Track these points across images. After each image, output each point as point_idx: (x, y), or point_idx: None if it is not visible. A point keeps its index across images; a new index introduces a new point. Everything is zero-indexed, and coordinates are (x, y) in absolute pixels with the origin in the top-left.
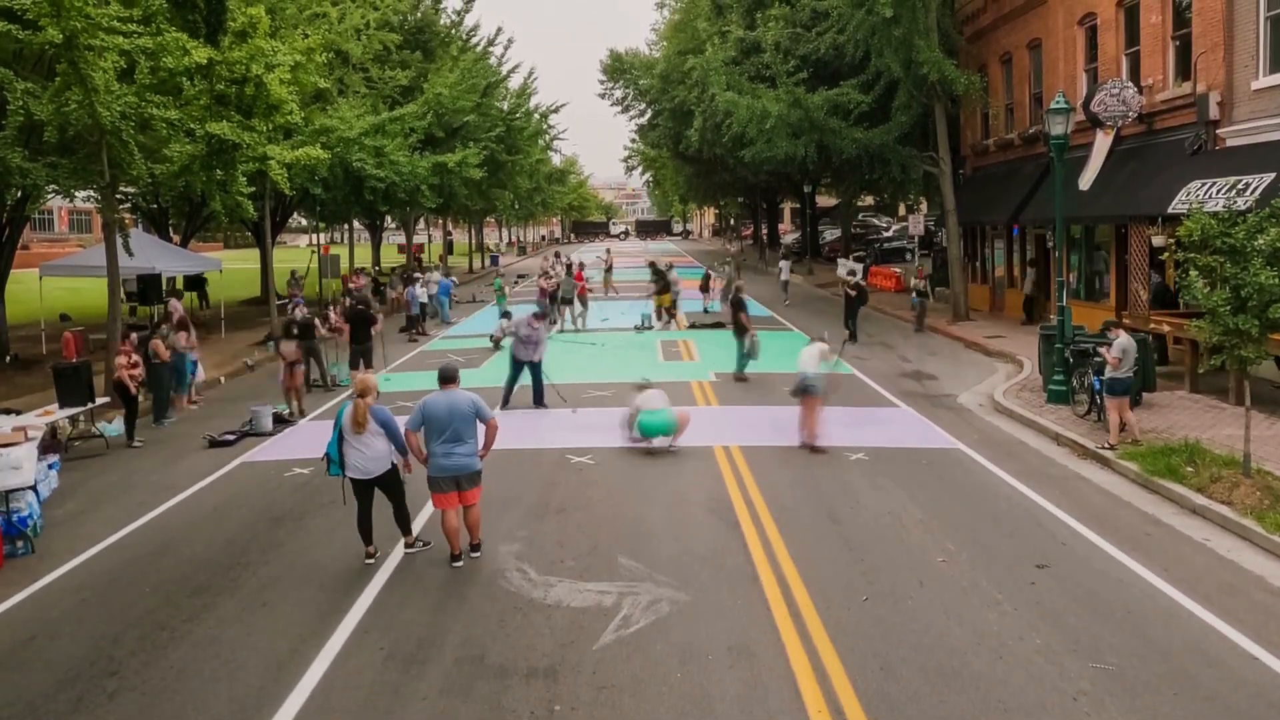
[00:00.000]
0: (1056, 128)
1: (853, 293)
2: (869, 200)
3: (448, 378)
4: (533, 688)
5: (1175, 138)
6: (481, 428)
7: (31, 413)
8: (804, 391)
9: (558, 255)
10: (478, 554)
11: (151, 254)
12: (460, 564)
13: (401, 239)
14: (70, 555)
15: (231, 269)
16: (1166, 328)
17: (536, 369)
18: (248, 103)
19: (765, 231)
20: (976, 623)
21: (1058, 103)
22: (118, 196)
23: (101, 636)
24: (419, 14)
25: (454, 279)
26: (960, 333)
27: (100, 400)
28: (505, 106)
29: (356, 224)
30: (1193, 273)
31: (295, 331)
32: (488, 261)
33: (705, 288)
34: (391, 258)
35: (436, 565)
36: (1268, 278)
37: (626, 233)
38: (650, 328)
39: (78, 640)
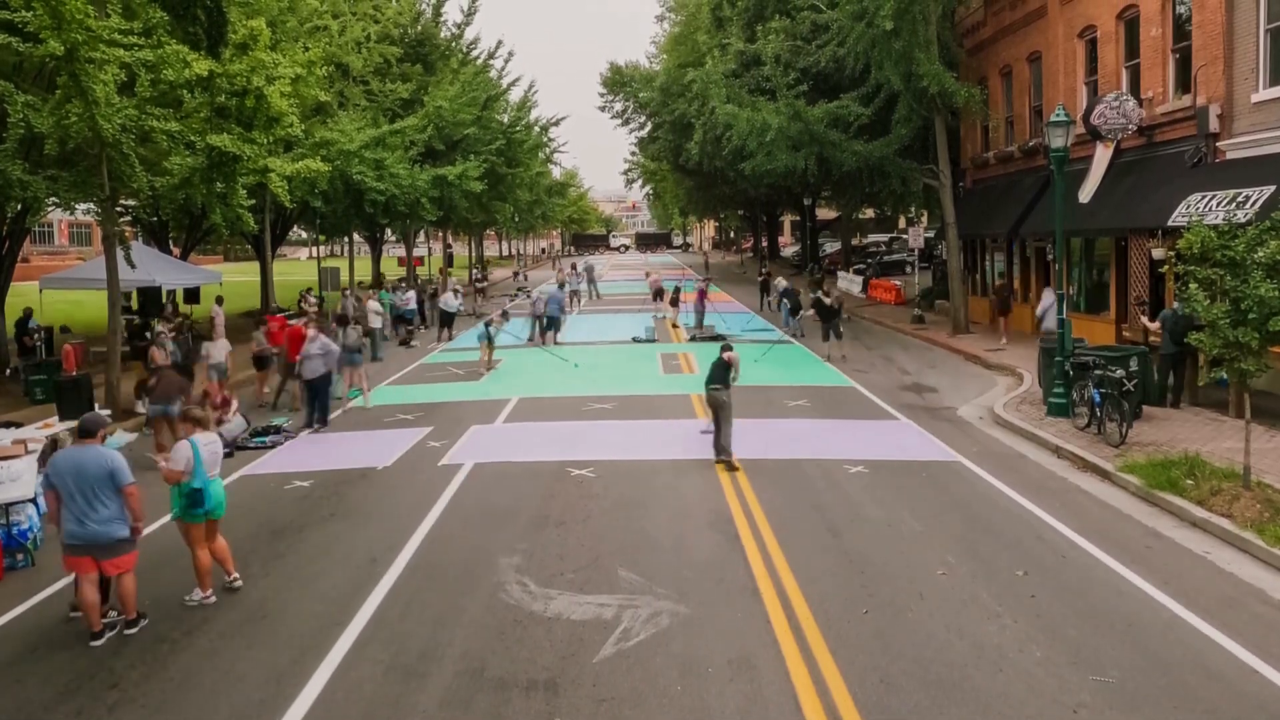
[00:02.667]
0: (1056, 140)
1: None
2: (869, 213)
3: (86, 431)
4: (533, 700)
5: (1175, 150)
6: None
7: (31, 425)
8: None
9: (574, 266)
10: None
11: (152, 267)
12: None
13: (401, 252)
14: None
15: (231, 281)
16: None
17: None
18: (248, 115)
19: (765, 244)
20: (977, 635)
21: (1058, 115)
22: (118, 209)
23: (102, 649)
24: (419, 27)
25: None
26: (960, 345)
27: (101, 413)
28: (505, 119)
29: (356, 237)
30: (1192, 285)
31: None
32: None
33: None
34: (391, 269)
35: (438, 579)
36: (1268, 290)
37: (626, 246)
38: (653, 340)
39: (78, 653)
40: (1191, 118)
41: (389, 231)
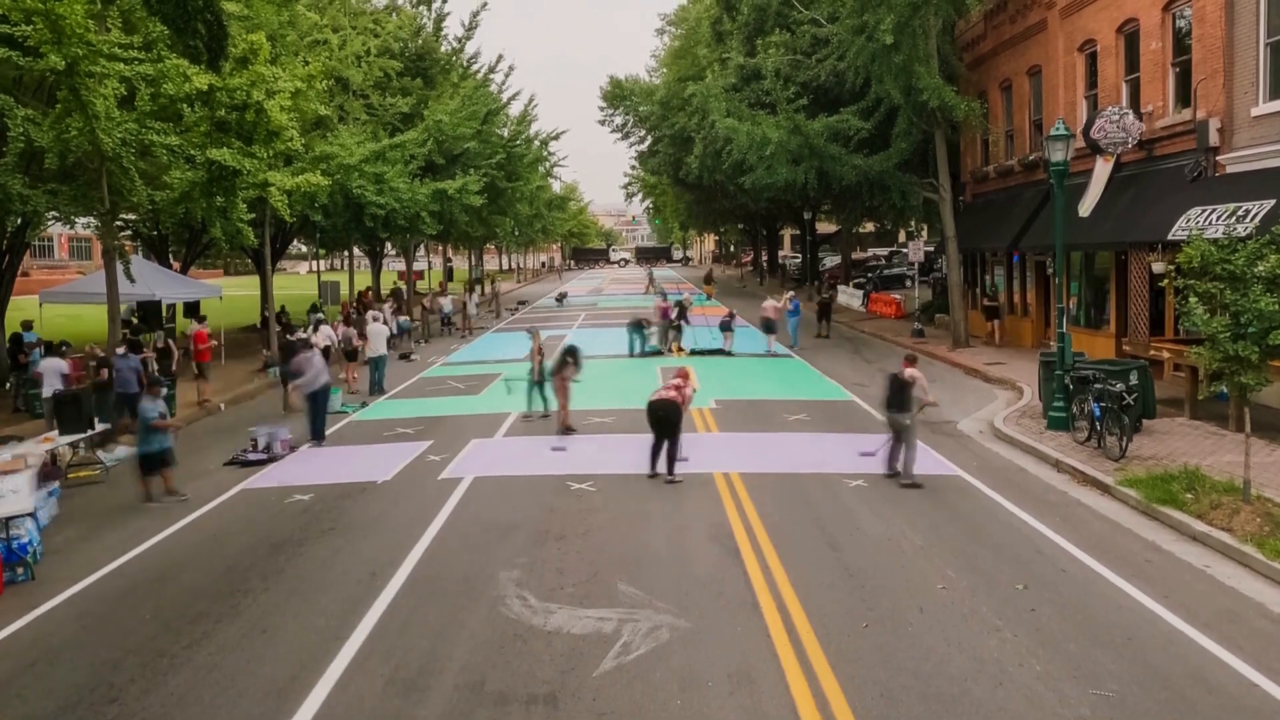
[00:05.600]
0: (1056, 154)
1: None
2: (869, 227)
3: None
4: (533, 714)
5: (1175, 164)
6: None
7: (31, 439)
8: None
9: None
10: None
11: (151, 281)
12: None
13: (401, 266)
14: (70, 582)
15: (231, 296)
16: (1166, 354)
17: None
18: (248, 129)
19: (765, 258)
20: (976, 649)
21: (1058, 129)
22: (118, 223)
23: (101, 663)
24: (420, 41)
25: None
26: (960, 359)
27: (100, 427)
28: (505, 133)
29: (356, 251)
30: (1192, 299)
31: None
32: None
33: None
34: (390, 283)
35: (438, 593)
36: (1267, 304)
37: (626, 260)
38: (659, 353)
39: (78, 667)
40: (1191, 131)
41: (389, 245)
